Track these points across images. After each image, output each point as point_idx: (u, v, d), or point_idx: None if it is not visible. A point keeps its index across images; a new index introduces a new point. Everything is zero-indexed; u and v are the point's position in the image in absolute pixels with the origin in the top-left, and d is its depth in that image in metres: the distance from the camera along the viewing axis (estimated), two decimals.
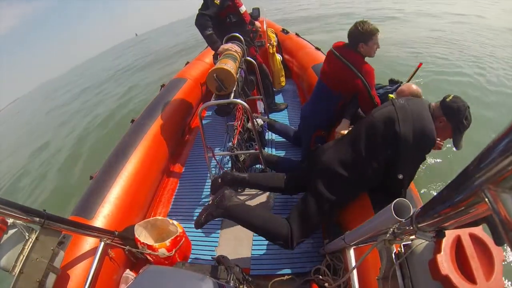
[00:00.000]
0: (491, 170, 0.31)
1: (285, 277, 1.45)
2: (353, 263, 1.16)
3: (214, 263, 1.36)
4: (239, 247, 1.64)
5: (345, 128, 1.74)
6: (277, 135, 2.46)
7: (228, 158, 2.23)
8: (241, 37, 2.24)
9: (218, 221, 1.80)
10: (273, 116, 2.81)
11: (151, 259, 1.42)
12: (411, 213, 0.63)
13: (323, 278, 1.35)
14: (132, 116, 2.43)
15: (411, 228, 0.61)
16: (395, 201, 0.73)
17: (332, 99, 1.83)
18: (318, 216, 1.39)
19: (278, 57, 3.16)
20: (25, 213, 0.93)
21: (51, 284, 1.01)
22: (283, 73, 3.22)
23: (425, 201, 0.55)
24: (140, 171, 1.84)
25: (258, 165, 2.13)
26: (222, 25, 2.24)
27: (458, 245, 0.58)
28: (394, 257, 0.74)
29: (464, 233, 0.58)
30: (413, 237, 0.67)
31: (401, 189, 1.29)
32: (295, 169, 1.82)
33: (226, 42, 2.19)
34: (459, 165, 2.49)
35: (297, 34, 3.51)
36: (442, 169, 2.51)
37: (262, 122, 2.22)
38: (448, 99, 1.25)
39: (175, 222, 1.51)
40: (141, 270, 1.36)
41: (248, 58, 2.26)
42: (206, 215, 1.43)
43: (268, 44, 3.07)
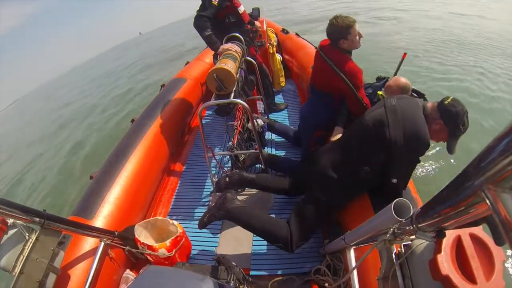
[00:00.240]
0: (491, 170, 0.31)
1: (285, 277, 1.45)
2: (353, 263, 1.16)
3: (214, 263, 1.36)
4: (239, 247, 1.64)
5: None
6: (277, 135, 2.46)
7: (228, 158, 2.24)
8: (241, 37, 2.24)
9: (218, 222, 1.80)
10: (273, 116, 2.81)
11: (151, 259, 1.42)
12: (411, 213, 0.64)
13: (323, 278, 1.35)
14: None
15: (411, 228, 0.61)
16: (395, 201, 0.73)
17: (327, 99, 1.82)
18: (316, 219, 1.40)
19: (278, 57, 3.16)
20: (25, 213, 0.93)
21: (51, 284, 1.01)
22: (283, 73, 3.22)
23: (425, 201, 0.55)
24: (140, 171, 1.84)
25: (258, 165, 2.13)
26: (221, 25, 2.24)
27: (458, 245, 0.58)
28: (394, 257, 0.74)
29: (464, 233, 0.58)
30: (413, 237, 0.67)
31: (396, 192, 1.27)
32: (295, 169, 1.82)
33: (226, 42, 2.19)
34: (459, 165, 2.49)
35: (297, 34, 3.49)
36: (442, 169, 2.51)
37: (262, 123, 2.22)
38: (446, 102, 1.19)
39: (175, 222, 1.51)
40: (141, 270, 1.36)
41: (248, 58, 2.26)
42: (208, 216, 1.46)
43: (268, 44, 3.07)
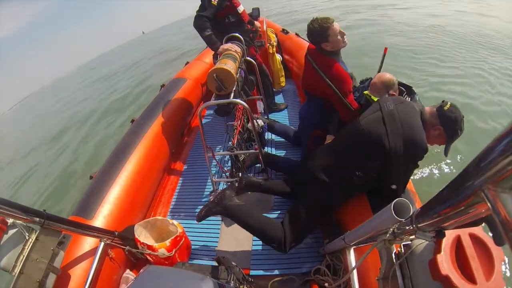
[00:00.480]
0: (491, 170, 0.31)
1: (285, 277, 1.45)
2: (353, 263, 1.16)
3: (214, 263, 1.36)
4: (239, 247, 1.64)
5: None
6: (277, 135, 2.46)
7: (228, 157, 2.24)
8: (240, 37, 2.24)
9: (218, 222, 1.80)
10: (273, 116, 2.81)
11: (151, 259, 1.42)
12: (411, 213, 0.64)
13: (323, 278, 1.35)
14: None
15: (411, 228, 0.61)
16: (395, 201, 0.73)
17: (321, 100, 1.82)
18: (309, 221, 1.42)
19: (278, 57, 3.16)
20: (25, 213, 0.93)
21: (51, 284, 1.01)
22: (283, 73, 3.21)
23: (424, 201, 0.55)
24: (140, 171, 1.84)
25: (258, 165, 2.13)
26: (221, 25, 2.24)
27: (458, 245, 0.58)
28: (394, 257, 0.74)
29: (464, 233, 0.59)
30: (413, 237, 0.68)
31: (395, 196, 1.27)
32: (295, 169, 1.82)
33: (226, 42, 2.19)
34: (459, 165, 2.50)
35: (297, 34, 3.51)
36: (442, 169, 2.51)
37: (263, 123, 2.22)
38: (446, 108, 1.20)
39: (175, 222, 1.51)
40: (141, 270, 1.36)
41: (248, 58, 2.26)
42: (206, 210, 1.49)
43: (268, 44, 3.07)
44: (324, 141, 1.86)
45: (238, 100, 1.66)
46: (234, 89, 1.72)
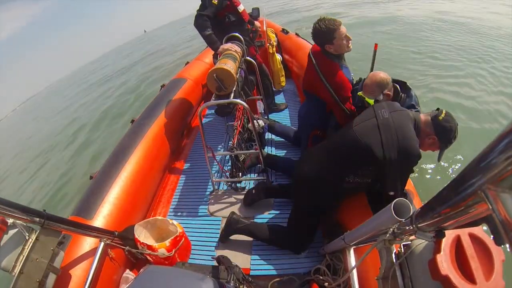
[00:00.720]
0: (491, 170, 0.31)
1: (285, 277, 1.45)
2: (353, 263, 1.16)
3: (214, 263, 1.36)
4: (239, 247, 1.64)
5: None
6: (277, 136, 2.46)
7: (228, 157, 2.24)
8: (240, 37, 2.24)
9: (218, 221, 1.81)
10: (273, 116, 2.81)
11: (151, 259, 1.42)
12: (411, 213, 0.64)
13: (323, 278, 1.34)
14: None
15: (411, 228, 0.61)
16: (394, 201, 0.73)
17: (320, 100, 1.81)
18: (310, 221, 1.49)
19: (278, 57, 3.16)
20: (25, 213, 0.93)
21: (51, 284, 1.01)
22: (283, 73, 3.22)
23: (424, 201, 0.55)
24: (140, 171, 1.84)
25: (258, 165, 2.13)
26: (221, 25, 2.24)
27: (458, 245, 0.58)
28: (394, 257, 0.74)
29: (464, 233, 0.59)
30: (413, 237, 0.68)
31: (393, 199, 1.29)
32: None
33: (226, 42, 2.19)
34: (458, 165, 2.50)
35: (297, 34, 3.51)
36: (442, 169, 2.51)
37: (263, 124, 2.22)
38: (441, 118, 1.20)
39: (175, 222, 1.51)
40: (141, 270, 1.36)
41: (248, 58, 2.26)
42: (220, 236, 1.68)
43: (268, 44, 3.07)
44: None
45: (238, 100, 1.66)
46: (234, 89, 1.72)
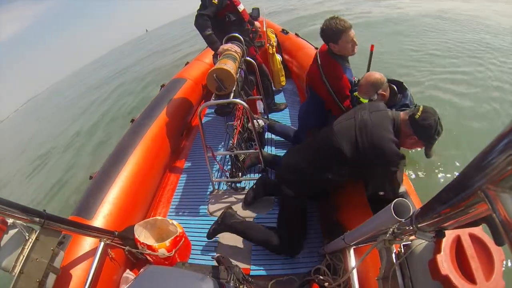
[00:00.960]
0: (491, 170, 0.31)
1: (285, 277, 1.45)
2: (353, 263, 1.16)
3: (214, 263, 1.36)
4: (239, 247, 1.64)
5: None
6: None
7: (228, 157, 2.24)
8: (240, 37, 2.24)
9: None
10: (273, 116, 2.81)
11: (151, 259, 1.42)
12: (411, 213, 0.64)
13: (323, 278, 1.34)
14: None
15: (411, 228, 0.61)
16: (394, 201, 0.73)
17: (318, 99, 1.82)
18: (296, 217, 1.50)
19: (278, 57, 3.16)
20: (25, 213, 0.93)
21: (51, 284, 1.01)
22: (283, 73, 3.22)
23: (424, 201, 0.55)
24: (140, 171, 1.84)
25: (258, 164, 2.13)
26: (222, 24, 2.24)
27: (458, 245, 0.58)
28: (394, 257, 0.74)
29: (464, 233, 0.59)
30: (413, 237, 0.68)
31: (389, 200, 1.27)
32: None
33: (226, 42, 2.19)
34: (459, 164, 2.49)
35: (296, 34, 3.51)
36: (442, 169, 2.51)
37: (263, 124, 2.22)
38: (417, 116, 1.16)
39: (175, 222, 1.51)
40: (141, 270, 1.36)
41: (247, 58, 2.26)
42: (213, 229, 1.62)
43: (268, 45, 3.07)
44: None
45: (238, 100, 1.66)
46: (234, 89, 1.72)
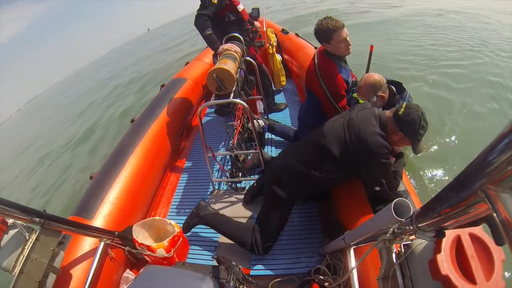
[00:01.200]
0: (491, 170, 0.31)
1: (285, 277, 1.45)
2: (353, 263, 1.17)
3: (214, 263, 1.36)
4: (239, 248, 1.63)
5: None
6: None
7: (228, 157, 2.24)
8: (240, 37, 2.24)
9: None
10: (273, 116, 2.80)
11: (149, 260, 1.42)
12: (411, 213, 0.64)
13: (323, 278, 1.34)
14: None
15: (411, 228, 0.61)
16: (395, 201, 0.73)
17: (317, 99, 1.82)
18: (279, 219, 1.49)
19: (278, 57, 3.16)
20: (25, 213, 0.93)
21: (51, 284, 1.01)
22: (283, 73, 3.22)
23: (424, 201, 0.55)
24: (140, 171, 1.84)
25: (260, 166, 2.13)
26: (221, 24, 2.24)
27: (458, 245, 0.58)
28: (394, 257, 0.74)
29: (464, 233, 0.59)
30: (413, 237, 0.67)
31: (386, 195, 1.30)
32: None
33: (226, 42, 2.19)
34: (459, 164, 2.49)
35: (296, 34, 3.51)
36: (442, 169, 2.51)
37: (263, 124, 2.22)
38: (400, 112, 1.20)
39: (173, 222, 1.51)
40: (141, 270, 1.36)
41: (247, 58, 2.26)
42: (186, 222, 1.62)
43: (268, 44, 3.07)
44: None
45: (238, 100, 1.66)
46: (234, 89, 1.72)
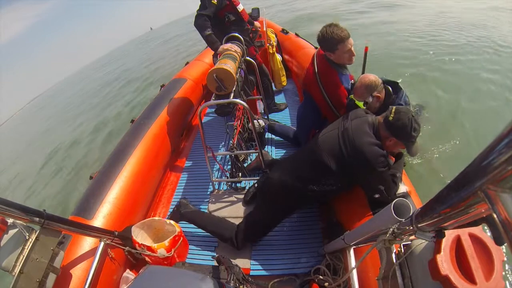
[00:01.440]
0: (491, 170, 0.31)
1: (285, 277, 1.45)
2: (353, 263, 1.16)
3: (214, 263, 1.36)
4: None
5: None
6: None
7: (228, 157, 2.24)
8: (240, 37, 2.24)
9: None
10: (273, 116, 2.80)
11: (149, 260, 1.42)
12: (410, 213, 0.64)
13: (323, 278, 1.34)
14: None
15: (411, 228, 0.61)
16: (394, 201, 0.73)
17: (315, 102, 1.82)
18: (260, 225, 1.53)
19: (278, 57, 3.15)
20: (25, 213, 0.93)
21: (51, 284, 1.01)
22: (284, 73, 3.22)
23: (424, 201, 0.55)
24: (140, 171, 1.84)
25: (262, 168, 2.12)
26: (221, 24, 2.24)
27: (458, 245, 0.58)
28: (394, 257, 0.74)
29: (464, 233, 0.59)
30: (413, 237, 0.67)
31: (386, 200, 1.28)
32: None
33: (226, 42, 2.19)
34: (459, 163, 2.49)
35: (296, 34, 3.51)
36: (442, 169, 2.51)
37: (263, 124, 2.22)
38: (390, 118, 1.20)
39: (172, 222, 1.51)
40: (141, 270, 1.36)
41: (247, 58, 2.26)
42: (167, 219, 1.62)
43: (268, 44, 3.07)
44: None
45: (238, 100, 1.66)
46: (234, 89, 1.72)
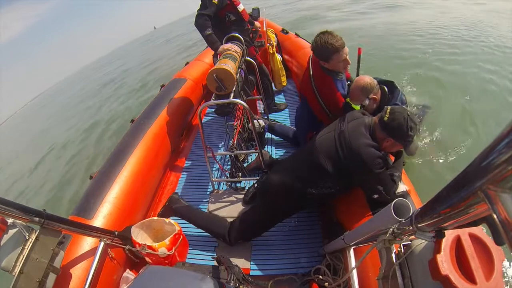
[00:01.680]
0: (491, 170, 0.31)
1: (285, 277, 1.45)
2: (353, 263, 1.16)
3: (214, 263, 1.36)
4: (239, 247, 1.63)
5: None
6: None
7: (228, 157, 2.24)
8: (240, 37, 2.24)
9: None
10: (273, 116, 2.80)
11: (150, 260, 1.42)
12: (410, 213, 0.64)
13: (323, 278, 1.34)
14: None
15: (411, 228, 0.61)
16: (394, 201, 0.73)
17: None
18: (256, 225, 1.52)
19: (278, 57, 3.15)
20: (25, 213, 0.93)
21: (51, 284, 1.00)
22: (284, 73, 3.22)
23: (424, 201, 0.55)
24: (140, 171, 1.84)
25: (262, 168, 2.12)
26: (222, 24, 2.24)
27: (458, 245, 0.58)
28: (394, 257, 0.74)
29: (464, 233, 0.59)
30: (413, 237, 0.68)
31: (385, 200, 1.28)
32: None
33: (226, 42, 2.19)
34: (459, 163, 2.49)
35: (296, 34, 3.51)
36: (442, 168, 2.51)
37: (263, 124, 2.22)
38: (385, 118, 1.18)
39: (172, 221, 1.51)
40: (141, 270, 1.36)
41: (248, 58, 2.26)
42: (158, 214, 1.72)
43: (268, 44, 3.07)
44: None
45: (238, 100, 1.66)
46: (234, 89, 1.72)
